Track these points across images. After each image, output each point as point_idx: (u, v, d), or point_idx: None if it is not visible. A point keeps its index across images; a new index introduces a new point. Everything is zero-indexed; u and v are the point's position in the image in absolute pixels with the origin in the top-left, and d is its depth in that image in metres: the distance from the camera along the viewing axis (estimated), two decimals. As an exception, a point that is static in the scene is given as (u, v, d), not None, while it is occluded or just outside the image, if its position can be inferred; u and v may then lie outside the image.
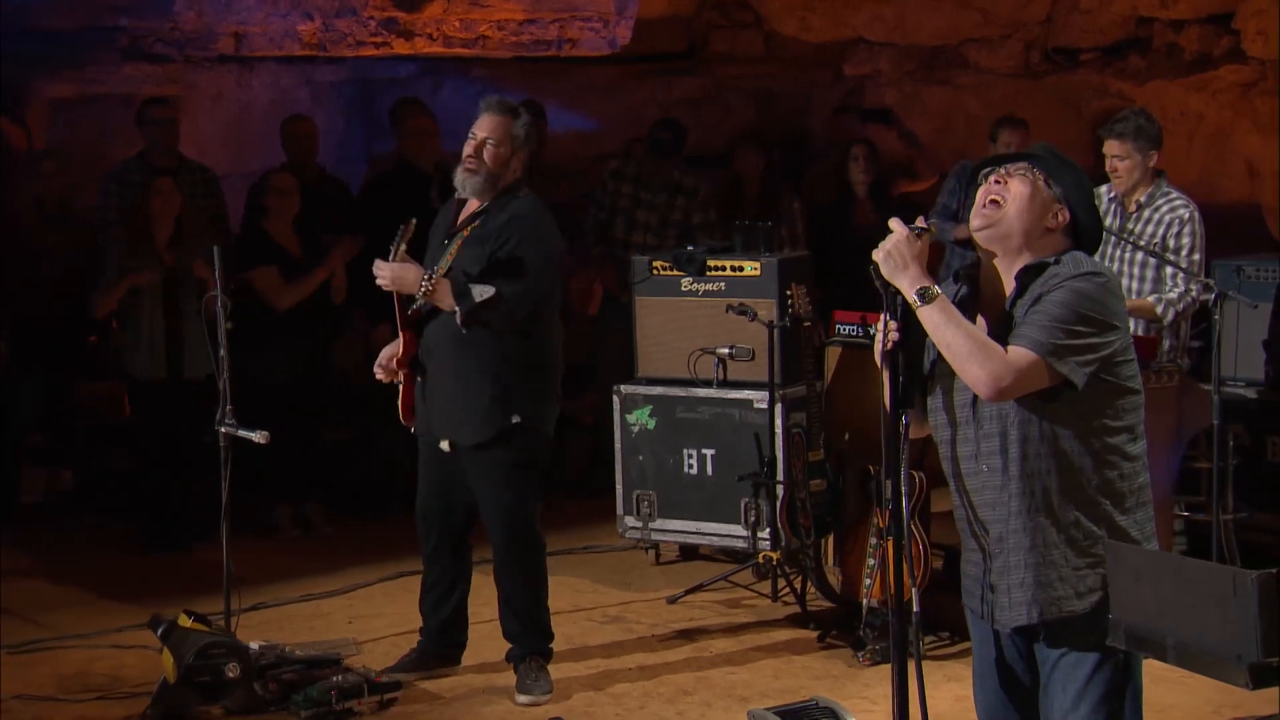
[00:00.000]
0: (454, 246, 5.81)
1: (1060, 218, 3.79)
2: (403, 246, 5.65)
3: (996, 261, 3.79)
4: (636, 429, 7.36)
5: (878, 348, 3.75)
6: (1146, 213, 6.70)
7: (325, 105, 11.27)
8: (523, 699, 5.79)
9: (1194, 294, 6.53)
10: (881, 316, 3.74)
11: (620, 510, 7.42)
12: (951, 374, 3.76)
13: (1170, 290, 6.56)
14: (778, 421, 6.84)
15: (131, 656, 6.23)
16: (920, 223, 3.72)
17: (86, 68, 10.10)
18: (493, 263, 5.68)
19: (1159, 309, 6.54)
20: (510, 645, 5.98)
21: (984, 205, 3.78)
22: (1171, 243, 6.56)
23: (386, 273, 5.66)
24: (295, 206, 8.25)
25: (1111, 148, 6.72)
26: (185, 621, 5.72)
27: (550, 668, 5.98)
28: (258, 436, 5.89)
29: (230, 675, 5.63)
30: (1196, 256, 6.59)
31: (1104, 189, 6.79)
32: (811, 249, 8.57)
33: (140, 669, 6.07)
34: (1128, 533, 3.66)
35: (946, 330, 3.63)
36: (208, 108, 10.71)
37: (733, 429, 7.08)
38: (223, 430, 5.95)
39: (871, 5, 11.20)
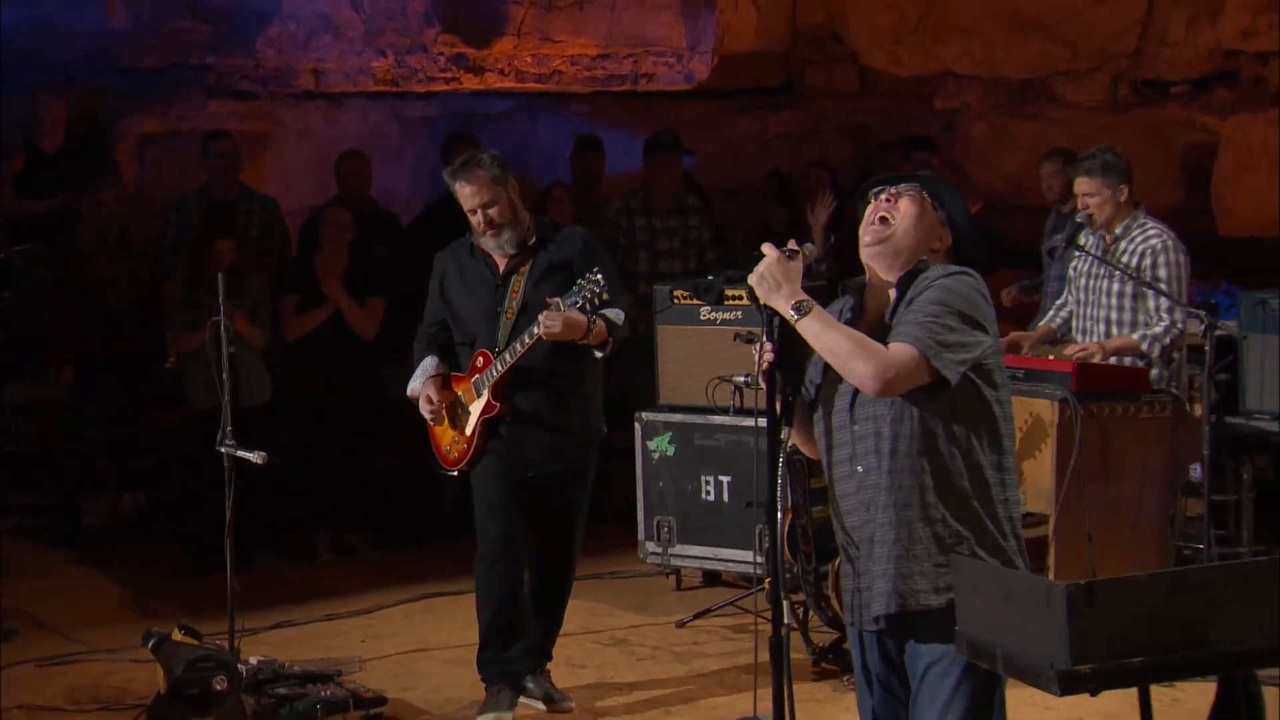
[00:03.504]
0: (515, 285, 5.90)
1: (944, 240, 3.93)
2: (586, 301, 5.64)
3: (882, 276, 3.93)
4: (657, 455, 7.53)
5: (756, 368, 3.91)
6: (1123, 244, 6.74)
7: (416, 140, 11.61)
8: (563, 705, 6.06)
9: (1180, 326, 6.54)
10: (761, 338, 3.89)
11: (641, 536, 7.60)
12: (832, 389, 3.90)
13: (1156, 325, 6.58)
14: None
15: (144, 671, 6.45)
16: (792, 245, 3.87)
17: (174, 104, 10.57)
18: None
19: (1144, 345, 6.58)
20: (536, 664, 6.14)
21: (873, 222, 3.93)
22: (1149, 274, 6.57)
23: (558, 322, 5.61)
24: (348, 239, 8.55)
25: (1081, 185, 6.78)
26: (177, 635, 5.97)
27: (542, 684, 6.20)
28: (255, 457, 6.14)
29: (218, 688, 5.86)
30: (1177, 287, 6.60)
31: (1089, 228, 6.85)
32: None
33: (149, 682, 6.26)
34: (993, 534, 3.76)
35: (827, 335, 3.77)
36: (294, 143, 11.11)
37: (748, 456, 7.20)
38: (223, 451, 6.21)
39: (959, 39, 11.29)
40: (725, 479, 7.34)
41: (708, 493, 7.39)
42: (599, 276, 5.60)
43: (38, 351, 8.48)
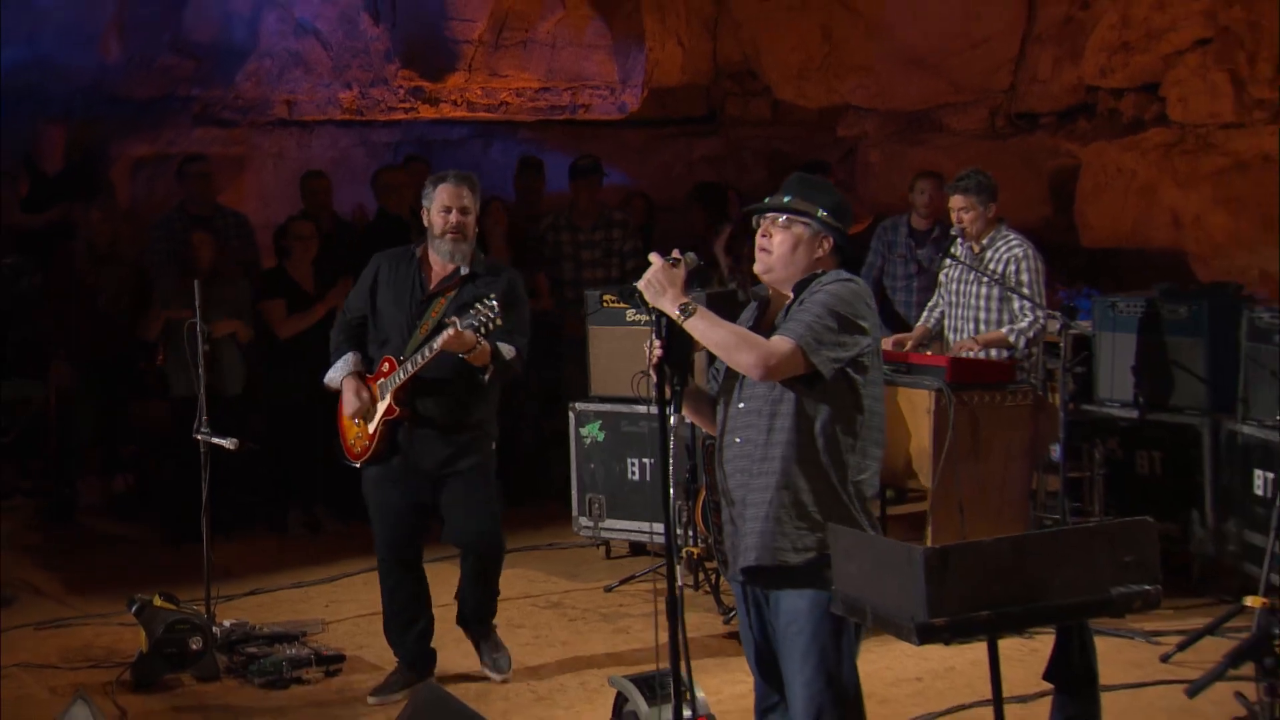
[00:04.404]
0: (437, 306, 5.66)
1: (825, 246, 3.95)
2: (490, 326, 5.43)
3: (781, 290, 3.97)
4: (588, 441, 7.53)
5: (648, 363, 3.94)
6: (989, 253, 6.85)
7: (381, 163, 11.56)
8: (499, 676, 5.88)
9: (1041, 322, 6.64)
10: (650, 337, 3.92)
11: (575, 511, 7.62)
12: (728, 381, 3.94)
13: (1021, 321, 6.69)
14: (679, 433, 6.90)
15: (129, 633, 6.42)
16: (675, 254, 3.90)
17: (163, 131, 10.51)
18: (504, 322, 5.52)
19: (1012, 338, 6.70)
20: (475, 637, 5.99)
21: (759, 252, 3.97)
22: (1013, 279, 6.67)
23: (458, 338, 5.38)
24: (313, 249, 8.51)
25: (957, 202, 6.87)
26: (157, 601, 5.95)
27: (483, 643, 6.13)
28: (228, 443, 6.12)
29: (194, 647, 5.87)
30: (1037, 289, 6.70)
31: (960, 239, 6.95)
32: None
33: (134, 643, 6.24)
34: (846, 507, 3.83)
35: (713, 332, 3.82)
36: (271, 165, 11.05)
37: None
38: (199, 438, 6.18)
39: (857, 75, 11.34)
40: (648, 461, 7.37)
41: (633, 473, 7.41)
42: (493, 303, 5.36)
43: (30, 352, 8.40)
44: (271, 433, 8.39)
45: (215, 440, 6.15)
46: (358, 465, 5.85)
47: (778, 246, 3.93)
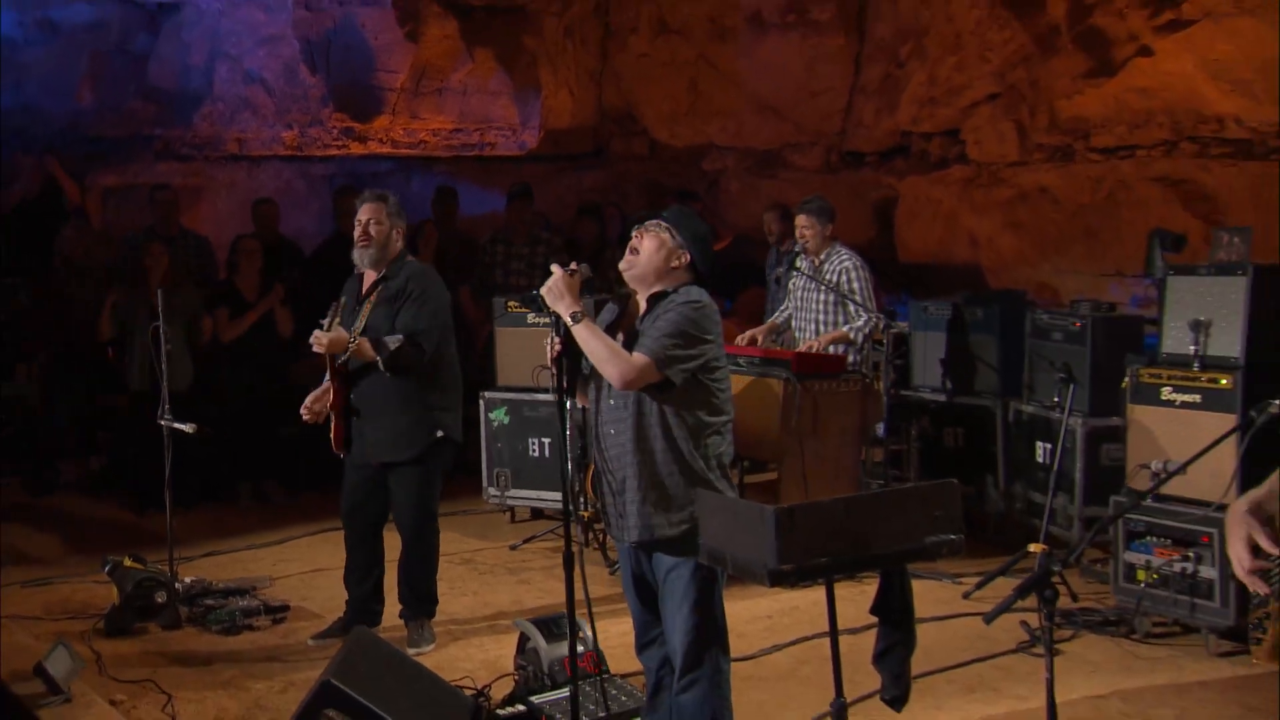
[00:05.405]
0: (365, 309, 5.51)
1: (682, 259, 3.95)
2: (336, 319, 5.38)
3: (639, 291, 3.95)
4: (496, 423, 7.48)
5: (549, 356, 3.92)
6: (825, 266, 6.90)
7: (319, 193, 11.39)
8: (413, 650, 5.45)
9: (872, 322, 6.72)
10: (550, 334, 3.90)
11: (485, 483, 7.54)
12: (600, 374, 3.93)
13: (856, 321, 6.76)
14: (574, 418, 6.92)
15: (102, 589, 6.22)
16: (573, 265, 3.89)
17: (130, 165, 10.29)
18: (400, 315, 5.42)
19: (852, 334, 6.75)
20: (402, 607, 5.73)
21: (629, 253, 3.96)
22: (846, 288, 6.75)
23: (324, 339, 5.33)
24: (258, 263, 8.34)
25: (801, 221, 6.92)
26: (127, 562, 5.80)
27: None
28: (188, 428, 5.97)
29: (159, 601, 5.73)
30: (867, 295, 6.79)
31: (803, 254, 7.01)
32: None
33: (106, 598, 6.07)
34: (707, 480, 3.85)
35: (591, 342, 3.80)
36: (224, 194, 10.85)
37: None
38: (163, 423, 6.03)
39: (719, 119, 11.42)
40: (546, 440, 7.33)
41: (534, 450, 7.37)
42: (339, 300, 5.35)
43: (23, 355, 8.16)
44: (223, 420, 8.20)
45: (177, 425, 6.00)
46: (342, 454, 5.64)
47: (644, 249, 3.93)
